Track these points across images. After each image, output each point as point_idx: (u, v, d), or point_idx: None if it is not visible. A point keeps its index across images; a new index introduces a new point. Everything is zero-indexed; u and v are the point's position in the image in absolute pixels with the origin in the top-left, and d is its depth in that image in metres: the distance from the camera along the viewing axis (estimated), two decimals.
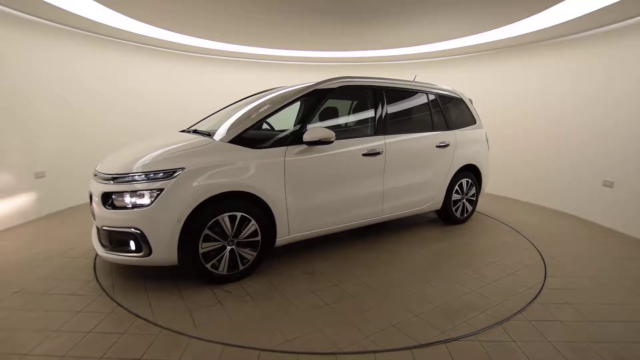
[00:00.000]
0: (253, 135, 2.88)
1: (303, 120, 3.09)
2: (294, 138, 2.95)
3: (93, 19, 4.51)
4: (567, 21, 4.35)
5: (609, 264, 3.34)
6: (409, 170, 3.71)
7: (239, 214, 2.69)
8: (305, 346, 2.04)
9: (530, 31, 4.87)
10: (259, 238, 2.82)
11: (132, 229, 2.45)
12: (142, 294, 2.61)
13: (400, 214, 3.79)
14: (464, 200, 4.37)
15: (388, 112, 3.60)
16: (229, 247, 2.72)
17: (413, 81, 4.03)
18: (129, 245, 2.54)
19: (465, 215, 4.44)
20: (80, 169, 5.03)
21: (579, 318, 2.40)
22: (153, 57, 6.10)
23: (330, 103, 3.83)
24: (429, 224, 4.44)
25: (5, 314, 2.30)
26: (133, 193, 2.47)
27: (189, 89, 6.60)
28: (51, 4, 3.92)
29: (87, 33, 5.05)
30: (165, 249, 2.49)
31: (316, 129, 2.93)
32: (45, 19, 4.43)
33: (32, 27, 4.34)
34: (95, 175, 2.74)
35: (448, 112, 4.21)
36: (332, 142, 2.97)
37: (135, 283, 2.78)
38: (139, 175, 2.50)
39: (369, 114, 3.62)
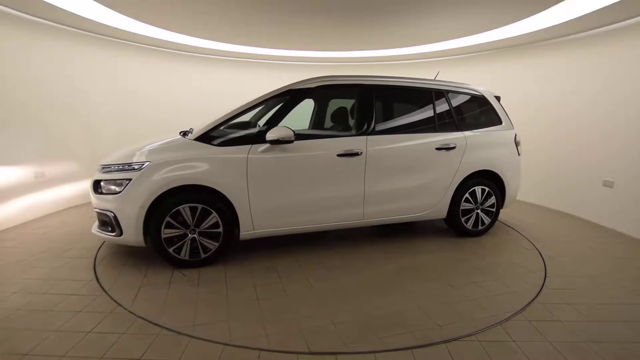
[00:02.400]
0: (221, 134, 3.07)
1: (273, 119, 3.14)
2: (261, 137, 3.03)
3: (93, 18, 4.50)
4: (567, 21, 4.35)
5: (609, 264, 3.34)
6: (397, 174, 3.45)
7: (199, 206, 2.91)
8: (204, 333, 2.15)
9: (530, 31, 4.87)
10: (220, 230, 2.99)
11: (109, 212, 2.89)
12: (119, 268, 3.03)
13: (390, 220, 3.55)
14: (479, 211, 3.86)
15: (376, 111, 3.42)
16: (190, 235, 2.95)
17: (415, 78, 3.75)
18: (108, 225, 2.95)
19: (480, 227, 3.91)
20: (79, 168, 5.04)
21: (579, 318, 2.40)
22: (153, 58, 6.09)
23: (340, 103, 3.78)
24: (436, 234, 4.05)
25: (5, 314, 2.30)
26: (112, 181, 2.91)
27: (192, 90, 6.60)
28: (50, 4, 3.91)
29: (87, 33, 5.04)
30: (132, 231, 2.85)
31: (277, 128, 2.99)
32: (44, 19, 4.43)
33: (31, 26, 4.34)
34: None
35: (460, 111, 3.82)
36: (292, 141, 3.01)
37: (121, 259, 3.20)
38: (116, 166, 2.96)
39: (353, 113, 3.53)
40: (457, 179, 3.69)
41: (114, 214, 2.86)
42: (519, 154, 4.04)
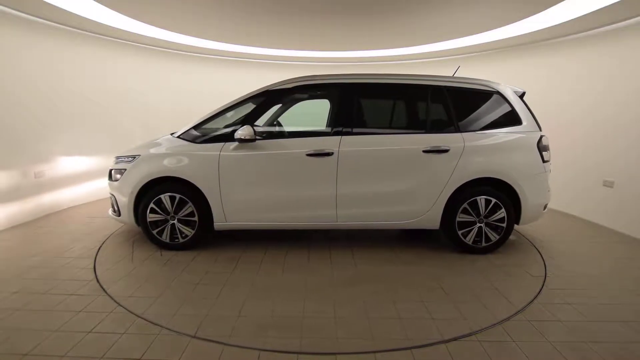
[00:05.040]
0: (203, 132, 3.39)
1: (248, 119, 3.32)
2: (233, 135, 3.21)
3: (92, 18, 4.50)
4: (567, 21, 4.35)
5: (609, 264, 3.34)
6: (375, 176, 3.24)
7: (177, 196, 3.25)
8: (131, 304, 2.44)
9: (530, 31, 4.86)
10: (196, 218, 3.29)
11: (113, 196, 3.46)
12: (123, 243, 3.61)
13: (369, 225, 3.37)
14: (482, 225, 3.33)
15: (354, 110, 3.34)
16: (170, 221, 3.32)
17: (408, 75, 3.49)
18: (113, 207, 3.52)
19: (485, 244, 3.36)
20: (78, 169, 5.04)
21: (579, 318, 2.40)
22: (154, 57, 6.09)
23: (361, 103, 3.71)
24: (440, 246, 3.61)
25: (5, 314, 2.30)
26: (118, 170, 3.41)
27: (193, 90, 6.60)
28: (49, 3, 3.90)
29: (87, 33, 5.04)
30: (126, 213, 3.35)
31: (242, 128, 3.14)
32: (42, 18, 4.43)
33: (30, 26, 4.34)
34: None
35: (463, 109, 3.37)
36: (254, 140, 3.17)
37: (128, 235, 3.80)
38: (120, 158, 3.46)
39: (330, 113, 3.54)
40: (451, 186, 3.24)
41: (115, 198, 3.41)
42: (544, 161, 3.35)
